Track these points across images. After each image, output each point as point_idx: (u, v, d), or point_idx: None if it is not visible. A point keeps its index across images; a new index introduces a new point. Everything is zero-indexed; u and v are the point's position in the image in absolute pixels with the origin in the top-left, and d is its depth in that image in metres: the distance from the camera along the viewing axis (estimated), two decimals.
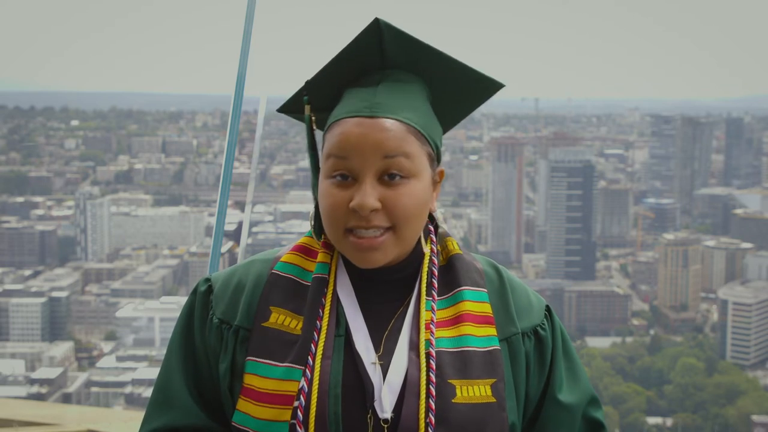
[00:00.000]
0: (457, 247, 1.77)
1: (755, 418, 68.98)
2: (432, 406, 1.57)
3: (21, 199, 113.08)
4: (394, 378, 1.61)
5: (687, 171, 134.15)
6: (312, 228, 1.76)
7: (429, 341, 1.63)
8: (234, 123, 2.92)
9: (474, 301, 1.70)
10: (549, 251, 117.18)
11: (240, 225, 3.08)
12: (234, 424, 1.64)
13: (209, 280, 1.76)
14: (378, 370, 1.62)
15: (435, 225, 1.78)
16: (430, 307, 1.67)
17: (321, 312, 1.65)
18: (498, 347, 1.67)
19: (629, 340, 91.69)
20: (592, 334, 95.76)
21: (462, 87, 1.73)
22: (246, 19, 2.92)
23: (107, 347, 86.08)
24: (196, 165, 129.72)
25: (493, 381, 1.64)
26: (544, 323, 1.76)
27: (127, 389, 72.90)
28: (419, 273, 1.71)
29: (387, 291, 1.70)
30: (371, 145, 1.60)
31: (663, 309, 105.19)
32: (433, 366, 1.60)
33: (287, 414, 1.58)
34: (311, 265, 1.72)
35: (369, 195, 1.58)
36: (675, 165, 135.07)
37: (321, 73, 1.71)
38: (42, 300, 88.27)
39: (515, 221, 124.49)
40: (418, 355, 1.62)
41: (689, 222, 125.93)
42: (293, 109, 1.78)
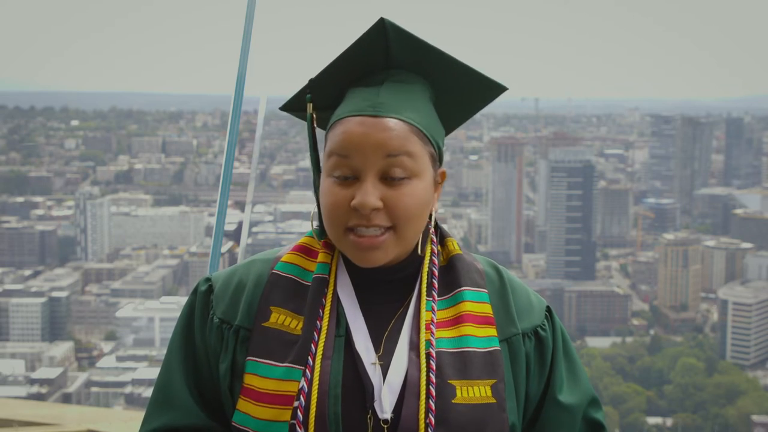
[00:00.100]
0: (458, 248, 1.76)
1: (755, 418, 68.98)
2: (432, 406, 1.57)
3: (21, 199, 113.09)
4: (394, 378, 1.60)
5: (687, 171, 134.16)
6: (313, 228, 1.75)
7: (429, 342, 1.63)
8: (234, 123, 2.92)
9: (474, 302, 1.70)
10: (549, 251, 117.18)
11: (240, 225, 3.08)
12: (234, 424, 1.64)
13: (210, 279, 1.76)
14: (378, 370, 1.61)
15: (435, 225, 1.78)
16: (430, 308, 1.67)
17: (321, 312, 1.65)
18: (498, 348, 1.67)
19: (629, 340, 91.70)
20: (592, 334, 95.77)
21: (465, 89, 1.73)
22: (246, 19, 2.92)
23: (107, 347, 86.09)
24: (196, 165, 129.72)
25: (494, 381, 1.63)
26: (544, 324, 1.76)
27: (127, 389, 72.90)
28: (420, 273, 1.71)
29: (387, 291, 1.70)
30: (373, 144, 1.59)
31: (663, 309, 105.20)
32: (433, 366, 1.60)
33: (287, 414, 1.57)
34: (312, 265, 1.71)
35: (370, 194, 1.58)
36: (675, 165, 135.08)
37: (325, 72, 1.70)
38: (42, 300, 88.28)
39: (515, 221, 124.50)
40: (418, 356, 1.62)
41: (689, 222, 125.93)
42: (296, 108, 1.77)
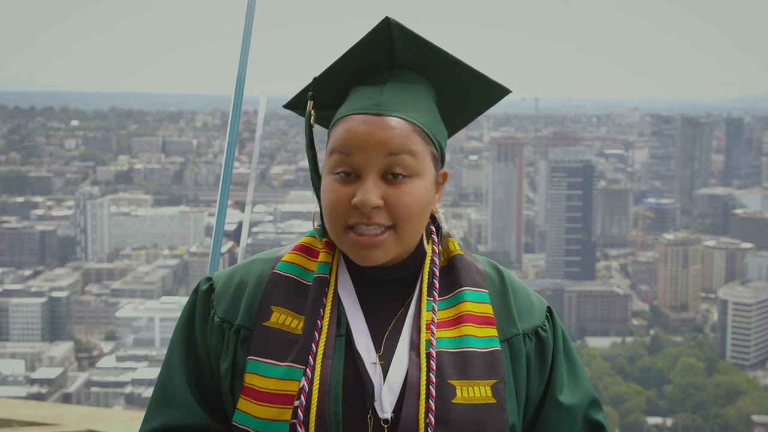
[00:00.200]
0: (459, 248, 1.76)
1: (755, 418, 68.98)
2: (432, 406, 1.57)
3: (21, 199, 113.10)
4: (394, 378, 1.61)
5: (687, 171, 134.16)
6: (315, 228, 1.76)
7: (429, 341, 1.63)
8: (234, 123, 2.92)
9: (475, 302, 1.70)
10: (549, 251, 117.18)
11: (240, 225, 3.08)
12: (234, 423, 1.64)
13: (211, 279, 1.76)
14: (378, 370, 1.61)
15: (437, 225, 1.78)
16: (431, 308, 1.67)
17: (322, 312, 1.65)
18: (499, 348, 1.67)
19: (629, 340, 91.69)
20: (592, 334, 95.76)
21: (469, 91, 1.73)
22: (246, 19, 2.92)
23: (107, 347, 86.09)
24: (196, 165, 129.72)
25: (494, 382, 1.64)
26: (545, 324, 1.76)
27: (127, 389, 72.90)
28: (420, 273, 1.71)
29: (388, 291, 1.70)
30: (375, 143, 1.60)
31: (663, 309, 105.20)
32: (434, 366, 1.60)
33: (288, 413, 1.58)
34: (313, 265, 1.72)
35: (371, 192, 1.58)
36: (675, 165, 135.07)
37: (329, 70, 1.71)
38: (42, 300, 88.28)
39: (515, 221, 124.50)
40: (418, 356, 1.62)
41: (689, 222, 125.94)
42: (300, 106, 1.77)
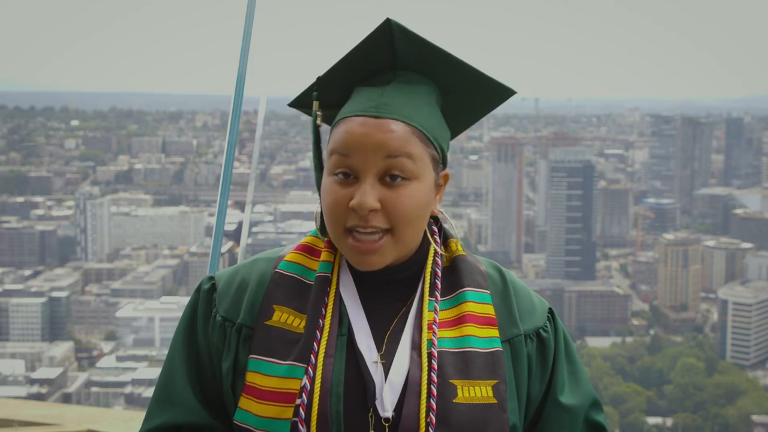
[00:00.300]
0: (461, 249, 1.76)
1: (755, 418, 69.00)
2: (433, 405, 1.57)
3: (21, 199, 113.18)
4: (395, 377, 1.61)
5: (687, 171, 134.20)
6: (317, 227, 1.75)
7: (431, 341, 1.63)
8: (234, 123, 2.92)
9: (477, 303, 1.70)
10: (549, 251, 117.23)
11: (240, 225, 3.08)
12: (235, 422, 1.64)
13: (213, 278, 1.77)
14: (380, 369, 1.62)
15: (439, 226, 1.78)
16: (432, 308, 1.67)
17: (324, 311, 1.65)
18: (500, 348, 1.67)
19: (629, 340, 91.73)
20: (592, 334, 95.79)
21: (472, 92, 1.73)
22: (246, 19, 2.92)
23: (107, 347, 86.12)
24: (196, 165, 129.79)
25: (495, 382, 1.64)
26: (546, 325, 1.76)
27: (127, 389, 72.92)
28: (422, 273, 1.71)
29: (390, 291, 1.70)
30: (374, 145, 1.60)
31: (663, 309, 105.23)
32: (435, 366, 1.60)
33: (289, 412, 1.58)
34: (315, 265, 1.72)
35: (368, 194, 1.58)
36: (675, 165, 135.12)
37: (332, 70, 1.71)
38: (42, 300, 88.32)
39: (515, 221, 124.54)
40: (420, 355, 1.62)
41: (689, 222, 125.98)
42: (304, 105, 1.78)
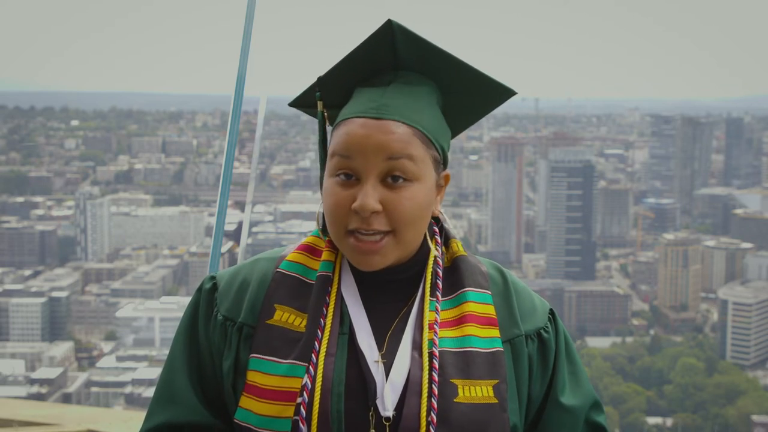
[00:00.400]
0: (462, 249, 1.77)
1: (755, 418, 69.00)
2: (434, 405, 1.58)
3: (21, 199, 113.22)
4: (396, 376, 1.61)
5: (687, 171, 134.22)
6: (318, 228, 1.76)
7: (432, 341, 1.63)
8: (234, 123, 2.92)
9: (478, 303, 1.71)
10: (549, 251, 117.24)
11: (240, 225, 3.07)
12: (236, 421, 1.64)
13: (214, 278, 1.77)
14: (381, 368, 1.62)
15: (440, 226, 1.79)
16: (433, 308, 1.68)
17: (325, 310, 1.66)
18: (501, 349, 1.68)
19: (629, 340, 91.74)
20: (592, 334, 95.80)
21: (473, 92, 1.73)
22: (246, 19, 2.91)
23: (107, 347, 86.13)
24: (196, 165, 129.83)
25: (496, 382, 1.64)
26: (547, 326, 1.76)
27: (127, 389, 72.91)
28: (424, 274, 1.72)
29: (391, 291, 1.70)
30: (375, 147, 1.60)
31: (663, 309, 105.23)
32: (436, 365, 1.61)
33: (290, 410, 1.58)
34: (316, 264, 1.72)
35: (370, 196, 1.59)
36: (675, 165, 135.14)
37: (333, 71, 1.71)
38: (42, 300, 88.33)
39: (515, 221, 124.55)
40: (421, 355, 1.62)
41: (689, 222, 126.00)
42: (304, 104, 1.79)
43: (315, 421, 1.56)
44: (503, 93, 1.74)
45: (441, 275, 1.72)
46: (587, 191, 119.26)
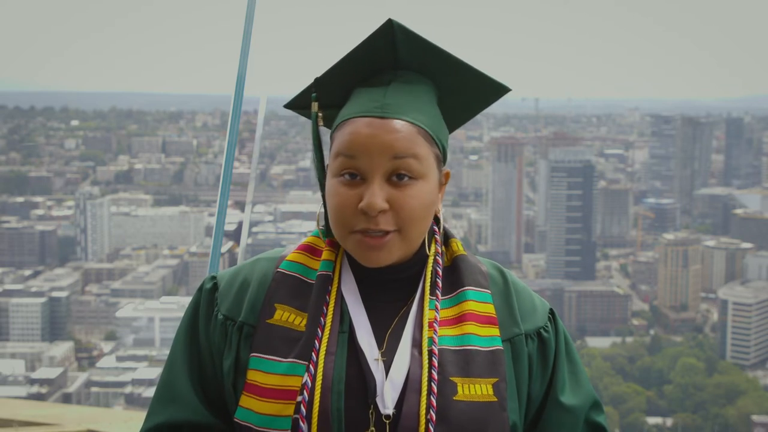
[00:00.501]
0: (462, 249, 1.78)
1: (755, 418, 68.99)
2: (433, 403, 1.58)
3: (21, 199, 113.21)
4: (396, 375, 1.62)
5: (687, 171, 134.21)
6: (319, 228, 1.76)
7: (432, 339, 1.64)
8: (234, 123, 2.92)
9: (477, 302, 1.71)
10: (549, 251, 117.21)
11: (240, 225, 3.07)
12: (237, 420, 1.65)
13: (215, 278, 1.78)
14: (381, 366, 1.63)
15: (439, 226, 1.80)
16: (433, 306, 1.68)
17: (325, 309, 1.66)
18: (501, 347, 1.68)
19: (629, 340, 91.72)
20: (592, 334, 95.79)
21: (470, 90, 1.74)
22: (246, 19, 2.91)
23: (107, 347, 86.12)
24: (196, 165, 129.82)
25: (495, 380, 1.64)
26: (547, 326, 1.77)
27: (127, 389, 72.90)
28: (423, 273, 1.73)
29: (391, 290, 1.71)
30: (380, 146, 1.60)
31: (663, 309, 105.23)
32: (436, 363, 1.62)
33: (290, 409, 1.59)
34: (316, 264, 1.73)
35: (377, 195, 1.59)
36: (675, 165, 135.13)
37: (332, 71, 1.71)
38: (42, 300, 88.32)
39: (515, 221, 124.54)
40: (420, 353, 1.63)
41: (689, 222, 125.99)
42: (300, 106, 1.78)
43: (315, 420, 1.57)
44: (498, 90, 1.75)
45: (441, 274, 1.72)
46: (587, 191, 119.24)
